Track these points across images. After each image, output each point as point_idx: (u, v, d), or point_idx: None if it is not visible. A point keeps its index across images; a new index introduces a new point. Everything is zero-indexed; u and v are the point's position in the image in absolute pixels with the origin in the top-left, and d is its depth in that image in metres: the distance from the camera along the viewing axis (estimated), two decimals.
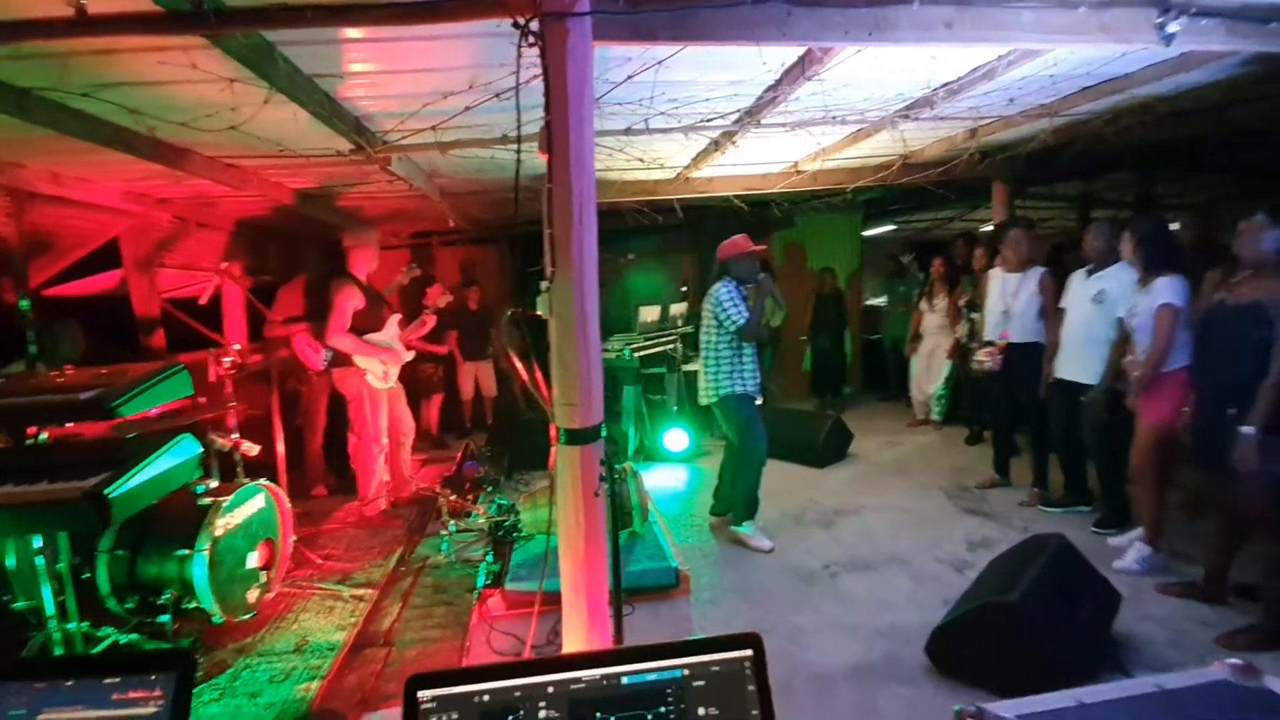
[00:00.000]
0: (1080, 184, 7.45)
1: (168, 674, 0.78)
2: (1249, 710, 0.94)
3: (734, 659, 0.76)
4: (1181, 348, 3.13)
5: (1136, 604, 2.92)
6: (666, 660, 0.75)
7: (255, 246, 5.63)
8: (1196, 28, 2.30)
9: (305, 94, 2.51)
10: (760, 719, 0.74)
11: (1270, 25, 2.37)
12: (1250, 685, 1.01)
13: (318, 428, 4.77)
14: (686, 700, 0.74)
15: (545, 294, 2.01)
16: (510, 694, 0.73)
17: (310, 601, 3.22)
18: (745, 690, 0.75)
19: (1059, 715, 0.96)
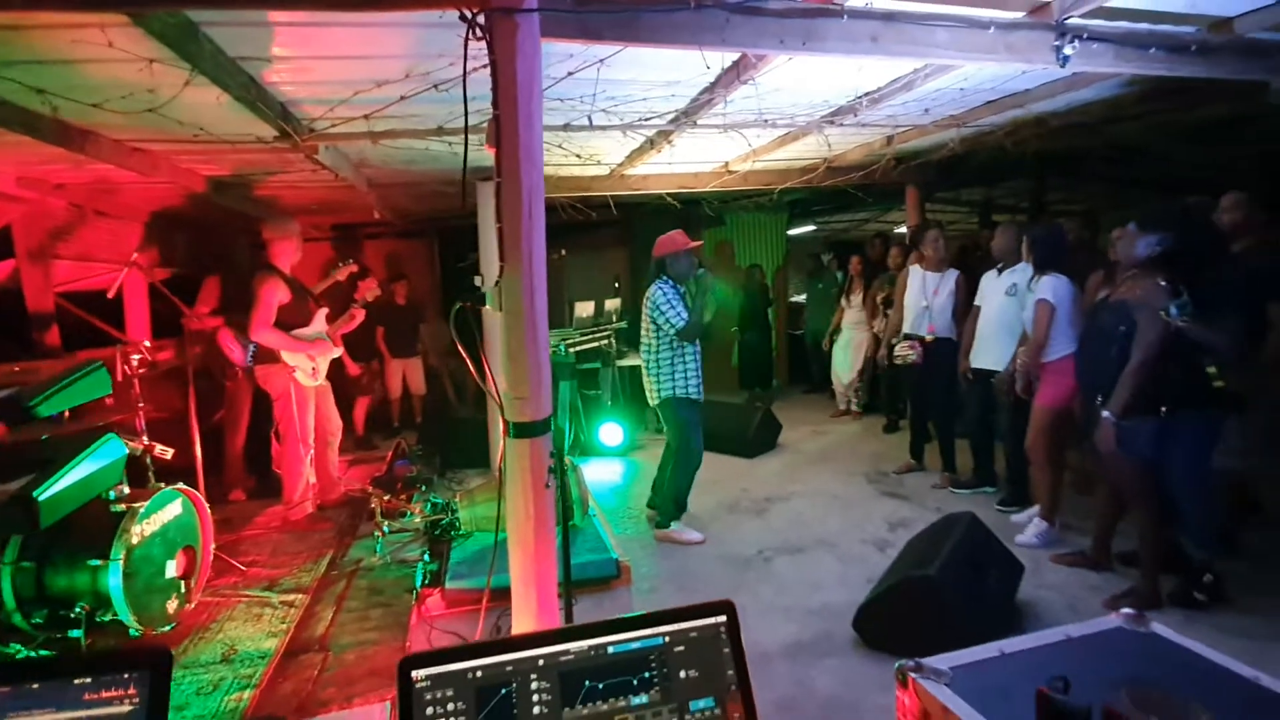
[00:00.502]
0: (982, 190, 8.04)
1: (142, 671, 0.76)
2: (1140, 649, 1.10)
3: (710, 625, 0.82)
4: (1066, 339, 3.48)
5: (1036, 573, 3.22)
6: (648, 629, 0.81)
7: (165, 237, 5.26)
8: (1088, 51, 2.55)
9: (229, 77, 2.39)
10: (735, 678, 0.80)
11: (1150, 51, 2.66)
12: (1141, 630, 1.17)
13: (240, 427, 4.52)
14: (668, 665, 0.79)
15: (495, 288, 2.01)
16: (502, 669, 0.76)
17: (236, 610, 3.07)
18: (721, 653, 0.81)
19: (985, 664, 1.08)
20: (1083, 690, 0.92)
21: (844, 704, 2.44)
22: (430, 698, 0.73)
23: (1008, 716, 0.93)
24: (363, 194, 4.87)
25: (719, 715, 0.78)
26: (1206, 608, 2.84)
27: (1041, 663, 1.05)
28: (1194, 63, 2.67)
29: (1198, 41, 2.66)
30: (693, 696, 0.78)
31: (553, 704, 0.75)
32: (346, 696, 2.45)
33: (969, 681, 1.02)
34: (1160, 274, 2.70)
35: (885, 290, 5.81)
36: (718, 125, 3.74)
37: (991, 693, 0.99)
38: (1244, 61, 2.78)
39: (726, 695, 0.79)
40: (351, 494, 4.51)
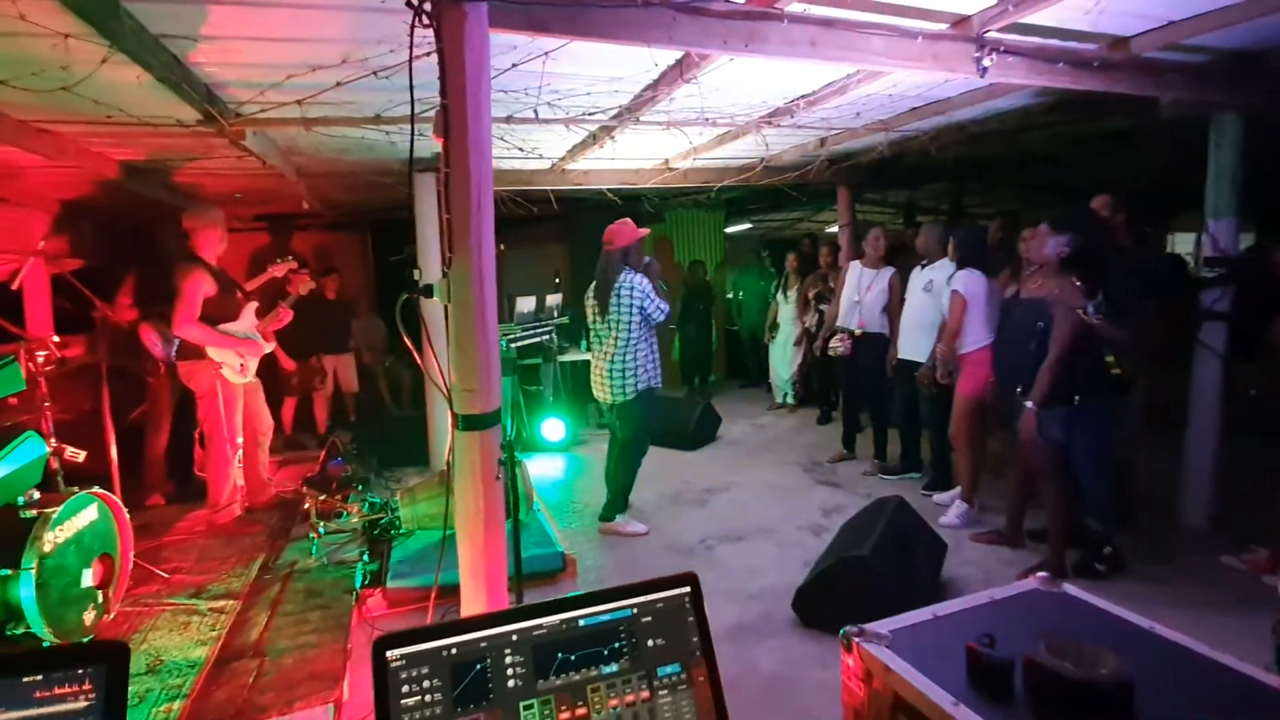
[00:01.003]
0: (906, 192, 8.45)
1: (98, 667, 0.74)
2: (1054, 606, 1.21)
3: (675, 595, 0.86)
4: (981, 331, 3.73)
5: (958, 551, 3.44)
6: (617, 602, 0.84)
7: (74, 226, 4.88)
8: (1004, 63, 2.74)
9: (151, 56, 2.26)
10: (699, 644, 0.85)
11: (1058, 65, 2.88)
12: (1054, 590, 1.29)
13: (162, 427, 4.25)
14: (637, 634, 0.83)
15: (443, 280, 1.99)
16: (476, 645, 0.78)
17: (160, 619, 2.90)
18: (686, 621, 0.86)
19: (920, 626, 1.17)
20: (1006, 644, 1.02)
21: (785, 680, 2.55)
22: (405, 676, 0.74)
23: (941, 671, 1.01)
24: (291, 183, 4.68)
25: (684, 679, 0.82)
26: (1106, 577, 3.12)
27: (970, 623, 1.14)
28: (1095, 77, 2.91)
29: (1099, 58, 2.90)
30: (660, 663, 0.82)
31: (527, 676, 0.78)
32: (287, 701, 2.36)
33: (906, 642, 1.11)
34: (1074, 273, 2.93)
35: (817, 287, 6.03)
36: (660, 122, 3.80)
37: (927, 651, 1.08)
38: (1138, 78, 3.04)
39: (691, 660, 0.83)
40: (283, 495, 4.32)
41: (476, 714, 0.75)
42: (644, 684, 0.81)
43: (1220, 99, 3.27)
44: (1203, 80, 3.16)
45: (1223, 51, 3.08)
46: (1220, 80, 3.17)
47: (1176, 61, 3.07)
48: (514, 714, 0.76)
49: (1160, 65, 3.06)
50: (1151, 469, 3.96)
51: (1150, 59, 2.99)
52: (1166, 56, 3.02)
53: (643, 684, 0.81)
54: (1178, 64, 3.09)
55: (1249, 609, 2.71)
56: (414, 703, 0.74)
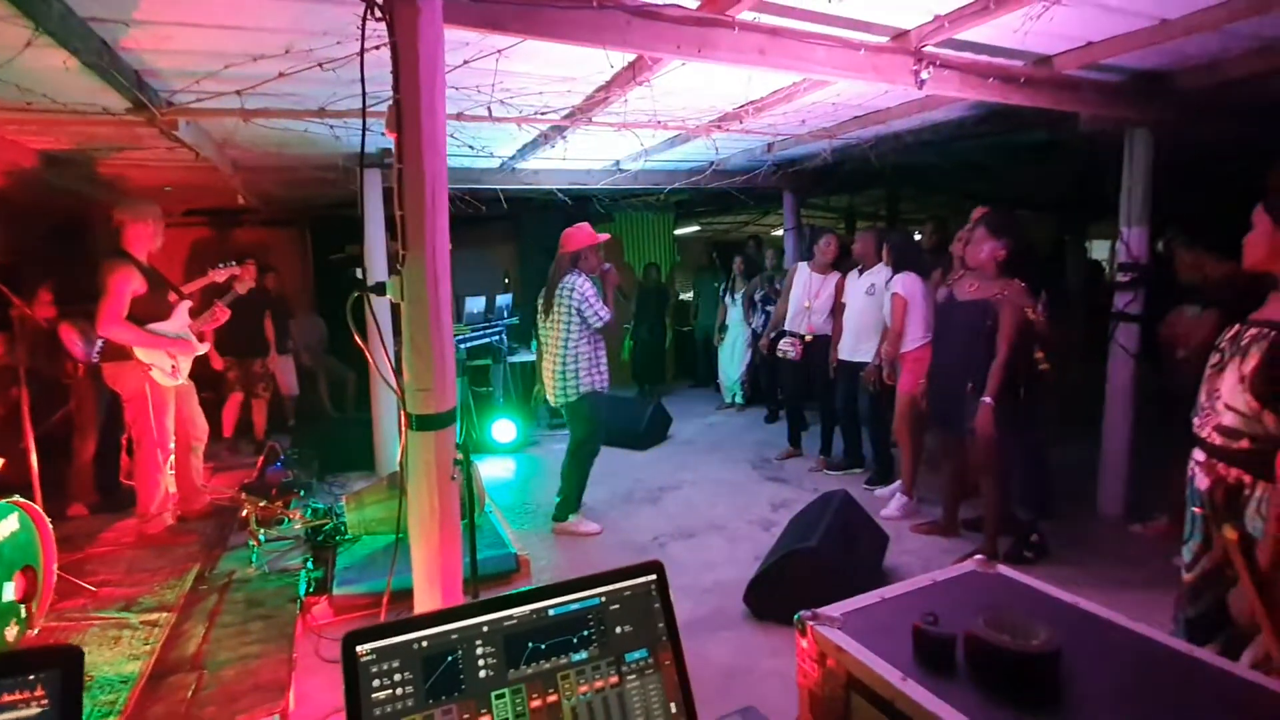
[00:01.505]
0: (847, 197, 8.74)
1: (51, 671, 0.71)
2: (990, 586, 1.30)
3: (641, 583, 0.89)
4: (919, 330, 3.91)
5: (899, 541, 3.59)
6: (586, 591, 0.86)
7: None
8: (940, 76, 2.89)
9: (79, 40, 2.14)
10: (665, 629, 0.88)
11: (989, 80, 3.05)
12: (990, 572, 1.38)
13: (89, 433, 3.99)
14: (605, 622, 0.85)
15: (396, 277, 1.96)
16: (447, 637, 0.78)
17: (88, 634, 2.74)
18: (652, 608, 0.88)
19: (870, 608, 1.23)
20: (948, 622, 1.09)
21: (739, 670, 2.61)
22: (376, 670, 0.74)
23: (890, 649, 1.08)
24: (226, 176, 4.48)
25: (652, 663, 0.85)
26: (1034, 563, 3.32)
27: (915, 603, 1.21)
28: (1021, 92, 3.10)
29: (1025, 75, 3.09)
30: (628, 649, 0.85)
31: (498, 666, 0.79)
32: (230, 714, 2.28)
33: (857, 624, 1.17)
34: (1014, 275, 3.11)
35: (763, 288, 6.17)
36: (612, 124, 3.82)
37: (876, 631, 1.14)
38: (1060, 94, 3.26)
39: (658, 645, 0.86)
40: (219, 503, 4.14)
41: (449, 705, 0.76)
42: (613, 670, 0.83)
43: (1133, 115, 3.52)
44: (1117, 97, 3.41)
45: (1136, 71, 3.32)
46: (1133, 98, 3.42)
47: (1094, 80, 3.30)
48: (486, 704, 0.77)
49: (1080, 83, 3.28)
50: (1070, 461, 4.24)
51: (1071, 76, 3.21)
52: (1085, 75, 3.24)
53: (611, 670, 0.83)
54: (1095, 82, 3.32)
55: (1157, 586, 2.93)
56: (385, 696, 0.74)
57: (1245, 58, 3.03)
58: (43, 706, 0.70)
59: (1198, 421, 2.00)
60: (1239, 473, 1.83)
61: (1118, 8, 2.50)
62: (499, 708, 0.77)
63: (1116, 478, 3.81)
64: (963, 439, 3.31)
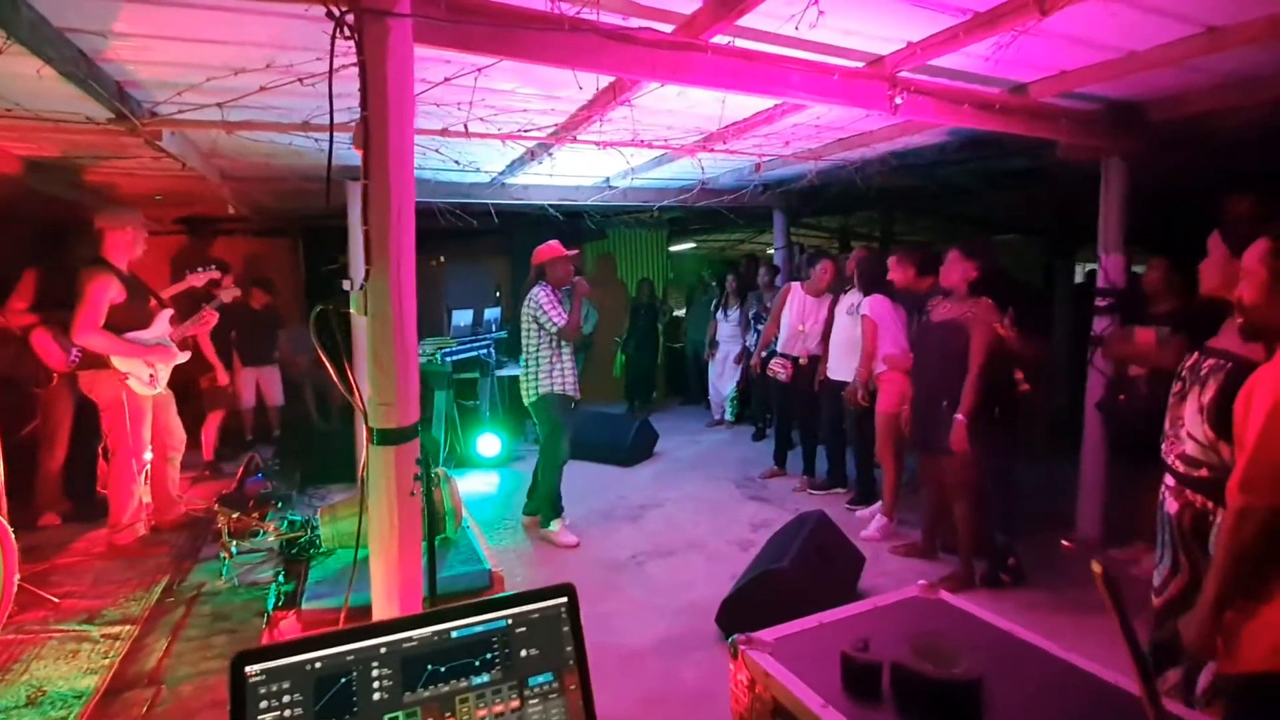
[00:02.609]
0: (840, 218, 8.79)
1: None
2: (930, 613, 1.29)
3: (551, 606, 0.88)
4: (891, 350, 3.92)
5: (876, 563, 3.57)
6: (493, 613, 0.85)
7: None
8: (915, 102, 2.92)
9: (53, 49, 2.16)
10: (573, 653, 0.87)
11: (964, 106, 3.08)
12: (931, 598, 1.37)
13: (58, 442, 3.98)
14: (511, 645, 0.84)
15: (360, 292, 1.97)
16: (342, 659, 0.77)
17: (46, 648, 2.72)
18: (562, 631, 0.87)
19: (805, 634, 1.22)
20: (881, 648, 1.08)
21: (710, 693, 2.58)
22: (265, 691, 0.73)
23: (818, 676, 1.07)
24: (214, 186, 4.51)
25: (556, 687, 0.84)
26: (1010, 587, 3.29)
27: (851, 629, 1.20)
28: (996, 119, 3.13)
29: (1000, 101, 3.12)
30: (532, 673, 0.84)
31: (393, 689, 0.78)
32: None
33: (789, 650, 1.16)
34: (986, 295, 3.13)
35: (754, 307, 6.19)
36: (595, 141, 3.85)
37: (807, 657, 1.13)
38: (1035, 121, 3.28)
39: (564, 669, 0.85)
40: (194, 514, 4.12)
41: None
42: (514, 693, 0.82)
43: (1106, 144, 3.56)
44: (1092, 126, 3.44)
45: (1110, 101, 3.36)
46: (1107, 127, 3.46)
47: (1069, 108, 3.34)
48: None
49: (1055, 110, 3.31)
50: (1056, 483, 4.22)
51: (1046, 104, 3.24)
52: (1060, 103, 3.28)
53: (513, 693, 0.82)
54: (1071, 110, 3.36)
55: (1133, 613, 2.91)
56: (272, 719, 0.73)
57: (1210, 92, 3.08)
58: None
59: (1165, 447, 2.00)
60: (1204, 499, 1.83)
61: (1086, 40, 2.54)
62: None
63: (1094, 501, 3.80)
64: (940, 459, 3.31)
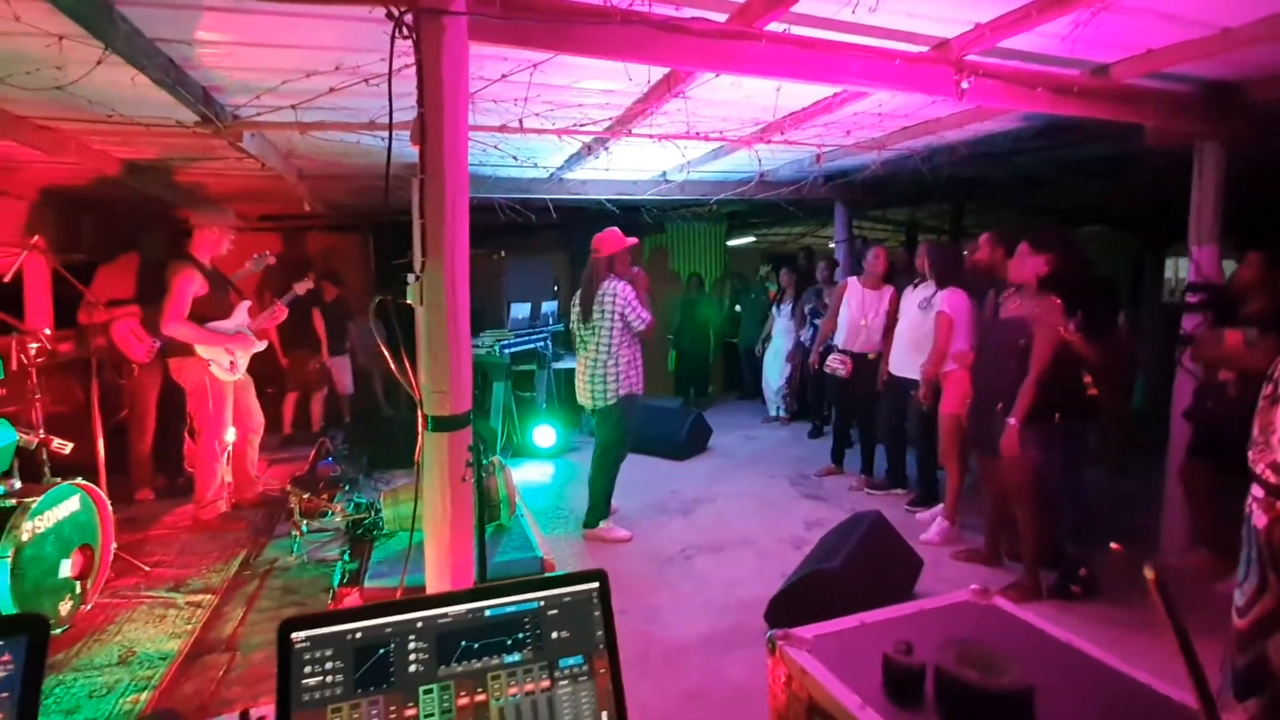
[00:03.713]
0: (907, 211, 8.48)
1: (16, 638, 0.77)
2: (981, 618, 1.23)
3: (583, 590, 0.89)
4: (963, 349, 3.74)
5: (937, 568, 3.44)
6: (525, 594, 0.87)
7: (66, 219, 4.98)
8: (983, 86, 2.78)
9: (146, 58, 2.33)
10: (604, 638, 0.88)
11: (1037, 90, 2.91)
12: (985, 603, 1.31)
13: (146, 427, 4.30)
14: (542, 626, 0.86)
15: (415, 283, 2.04)
16: (382, 630, 0.81)
17: (137, 612, 2.94)
18: (593, 615, 0.88)
19: (845, 633, 1.19)
20: (925, 652, 1.04)
21: (752, 691, 2.55)
22: (309, 657, 0.77)
23: (856, 676, 1.04)
24: (292, 184, 4.75)
25: (586, 670, 0.85)
26: (1081, 599, 3.11)
27: (895, 631, 1.16)
28: (1075, 103, 2.94)
29: (1079, 84, 2.94)
30: (562, 655, 0.85)
31: (428, 662, 0.81)
32: (253, 695, 2.39)
33: (828, 648, 1.13)
34: (1053, 293, 2.96)
35: (812, 301, 6.06)
36: (651, 135, 3.85)
37: (847, 657, 1.10)
38: (1119, 105, 3.07)
39: (594, 653, 0.86)
40: (270, 493, 4.37)
41: (376, 696, 0.78)
42: (545, 674, 0.84)
43: (1202, 128, 3.29)
44: (1184, 109, 3.19)
45: (1204, 81, 3.11)
46: (1201, 109, 3.20)
47: (1158, 89, 3.11)
48: (413, 697, 0.79)
49: (1142, 92, 3.09)
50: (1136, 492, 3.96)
51: (1131, 86, 3.02)
52: (1148, 84, 3.05)
53: (544, 673, 0.84)
54: (1159, 91, 3.12)
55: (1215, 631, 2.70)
56: (315, 683, 0.77)
57: None
58: (8, 670, 0.75)
59: (1252, 456, 1.85)
60: None
61: (1175, 15, 2.35)
62: (425, 702, 0.79)
63: (1179, 510, 3.54)
64: (996, 463, 3.16)
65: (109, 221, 5.40)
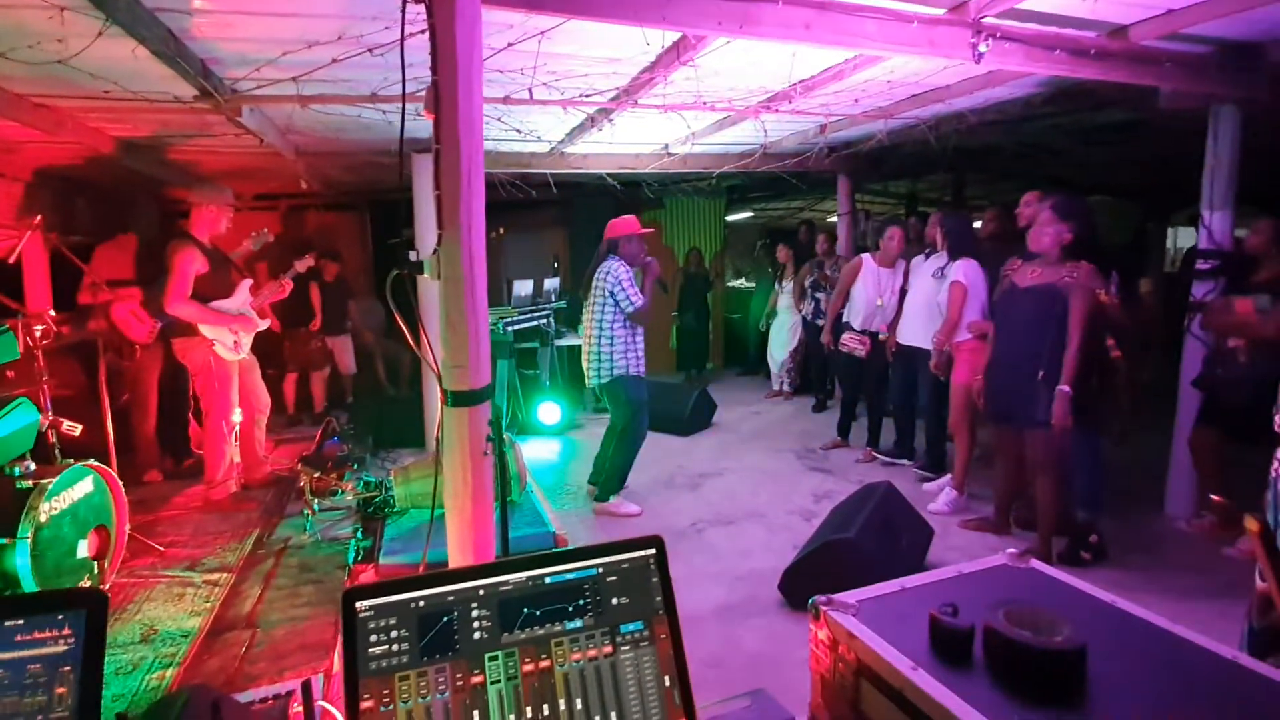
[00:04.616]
0: (908, 183, 8.41)
1: (76, 612, 0.76)
2: (1020, 581, 1.24)
3: (640, 557, 0.89)
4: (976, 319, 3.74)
5: (945, 537, 3.48)
6: (584, 561, 0.87)
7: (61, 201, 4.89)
8: (1001, 49, 2.73)
9: (146, 29, 2.26)
10: (663, 604, 0.87)
11: (1055, 52, 2.87)
12: (1022, 566, 1.32)
13: (148, 409, 4.27)
14: (602, 592, 0.85)
15: (433, 256, 2.01)
16: (444, 599, 0.80)
17: (155, 591, 2.95)
18: (651, 581, 0.88)
19: (888, 597, 1.20)
20: (969, 614, 1.05)
21: (768, 659, 2.59)
22: (374, 626, 0.77)
23: (903, 637, 1.04)
24: (289, 162, 4.68)
25: (647, 635, 0.85)
26: (1091, 565, 3.15)
27: (936, 595, 1.17)
28: (1093, 66, 2.90)
29: (1097, 47, 2.89)
30: (623, 620, 0.85)
31: (492, 629, 0.80)
32: (278, 670, 2.42)
33: (873, 611, 1.13)
34: (1082, 258, 2.94)
35: (813, 275, 6.02)
36: (658, 105, 3.79)
37: (891, 620, 1.10)
38: (1137, 67, 3.03)
39: (654, 618, 0.86)
40: (278, 473, 4.37)
41: (442, 664, 0.78)
42: (607, 639, 0.83)
43: (1219, 90, 3.25)
44: (1202, 71, 3.15)
45: (1222, 42, 3.06)
46: (1219, 71, 3.16)
47: (1175, 51, 3.06)
48: (479, 664, 0.79)
49: (1159, 55, 3.04)
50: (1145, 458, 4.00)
51: (1149, 48, 2.98)
52: (1166, 46, 3.01)
53: (605, 639, 0.83)
54: (1177, 54, 3.08)
55: (1224, 596, 2.74)
56: (380, 651, 0.76)
57: None
58: (69, 645, 0.75)
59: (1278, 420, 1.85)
60: None
61: None
62: (492, 669, 0.79)
63: (1186, 477, 3.57)
64: (1021, 434, 3.16)
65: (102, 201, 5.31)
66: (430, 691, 0.76)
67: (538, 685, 0.79)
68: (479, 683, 0.78)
